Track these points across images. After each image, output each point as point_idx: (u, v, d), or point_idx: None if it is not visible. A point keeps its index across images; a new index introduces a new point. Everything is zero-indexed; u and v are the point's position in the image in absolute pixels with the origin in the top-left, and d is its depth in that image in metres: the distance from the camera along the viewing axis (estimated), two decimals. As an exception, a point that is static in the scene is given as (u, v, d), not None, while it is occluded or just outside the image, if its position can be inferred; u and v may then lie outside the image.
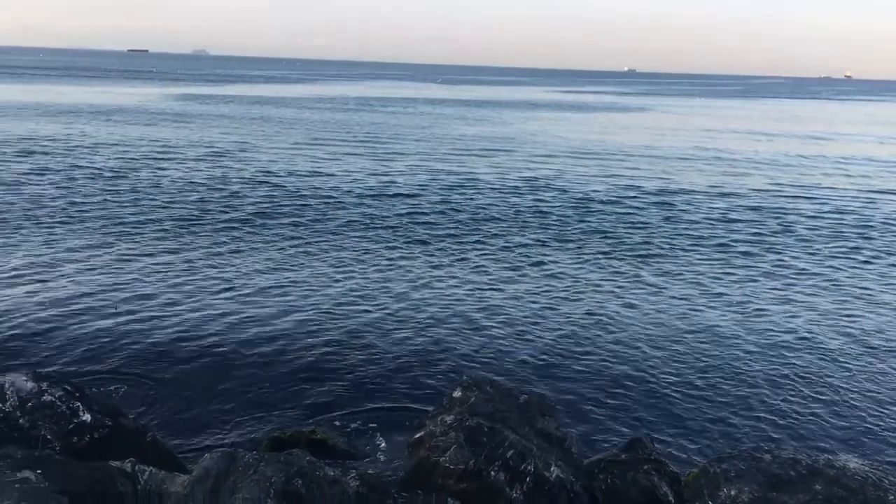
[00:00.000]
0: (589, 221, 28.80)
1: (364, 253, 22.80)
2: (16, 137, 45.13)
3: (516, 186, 35.98)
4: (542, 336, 16.73)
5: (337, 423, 12.52)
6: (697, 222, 29.23)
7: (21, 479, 6.92)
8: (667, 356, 15.81)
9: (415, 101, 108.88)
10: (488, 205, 31.14)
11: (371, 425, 12.51)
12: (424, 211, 29.38)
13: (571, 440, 9.47)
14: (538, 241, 25.39)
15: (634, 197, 34.34)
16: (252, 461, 7.92)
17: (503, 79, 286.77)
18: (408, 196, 32.34)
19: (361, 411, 12.96)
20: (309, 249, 22.92)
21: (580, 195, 34.22)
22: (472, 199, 32.35)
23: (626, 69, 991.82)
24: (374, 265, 21.57)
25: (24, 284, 18.25)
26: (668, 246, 25.32)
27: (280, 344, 15.55)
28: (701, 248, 25.16)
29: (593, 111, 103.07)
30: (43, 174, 33.43)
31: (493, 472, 8.32)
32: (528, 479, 8.32)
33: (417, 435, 9.18)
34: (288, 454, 8.41)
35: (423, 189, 34.15)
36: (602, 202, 32.81)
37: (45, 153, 39.63)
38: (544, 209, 30.76)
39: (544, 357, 15.59)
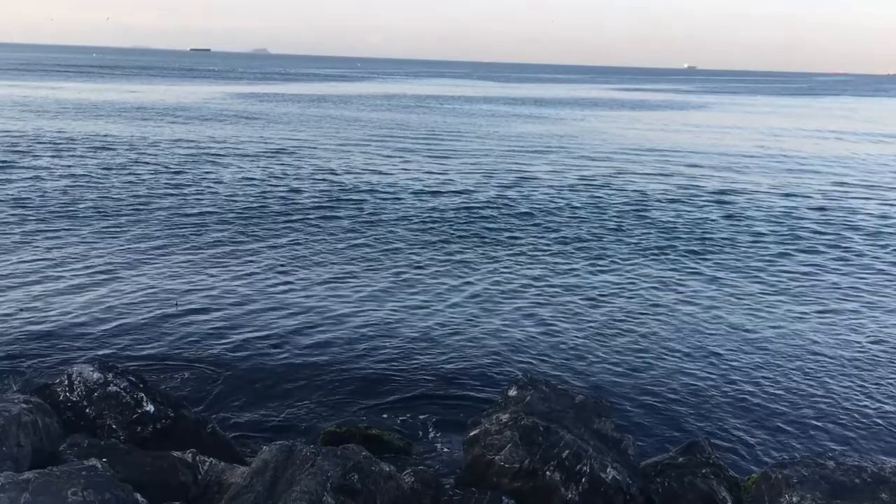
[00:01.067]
0: (647, 221, 28.41)
1: (422, 248, 22.88)
2: (85, 135, 46.52)
3: (573, 184, 35.70)
4: (598, 336, 16.57)
5: (391, 418, 12.60)
6: (759, 223, 28.59)
7: (88, 467, 7.12)
8: (726, 360, 15.51)
9: (472, 100, 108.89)
10: (545, 202, 30.96)
11: (424, 421, 12.56)
12: (481, 208, 29.35)
13: (628, 442, 9.36)
14: (596, 239, 25.14)
15: (693, 196, 33.75)
16: (309, 454, 8.01)
17: (559, 76, 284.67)
18: (464, 193, 32.35)
19: (415, 408, 13.02)
20: (367, 246, 23.10)
21: (638, 194, 33.78)
22: (528, 196, 32.21)
23: (685, 66, 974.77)
24: (432, 262, 21.63)
25: (91, 277, 18.81)
26: (728, 248, 24.81)
27: (336, 340, 15.72)
28: (762, 250, 24.59)
29: (651, 109, 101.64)
30: (110, 169, 34.41)
31: (548, 472, 8.27)
32: (583, 479, 8.25)
33: (472, 432, 9.18)
34: (344, 448, 8.49)
35: (479, 186, 34.13)
36: (660, 201, 32.33)
37: (113, 150, 40.78)
38: (601, 207, 30.45)
39: (600, 357, 15.45)
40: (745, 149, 53.88)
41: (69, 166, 34.75)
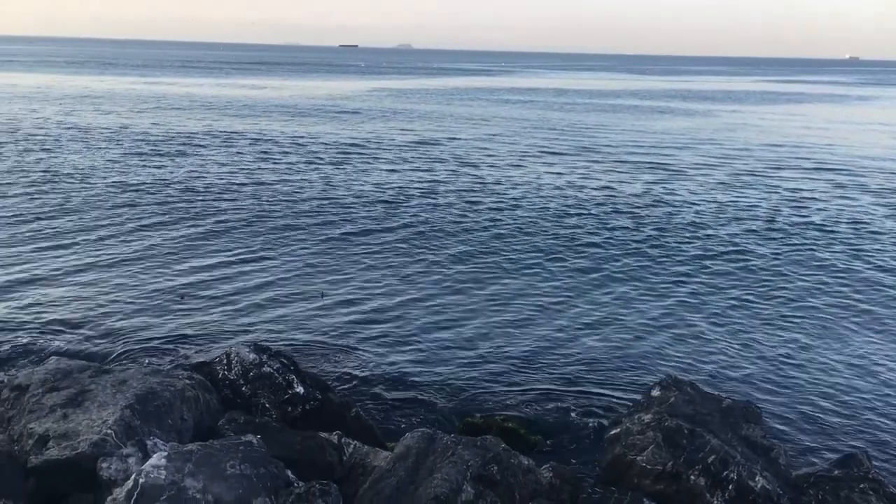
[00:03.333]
0: (802, 220, 26.94)
1: (564, 243, 22.69)
2: (245, 130, 49.11)
3: (723, 182, 34.37)
4: (746, 340, 15.89)
5: (527, 413, 12.58)
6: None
7: (245, 442, 7.54)
8: (883, 373, 14.50)
9: (616, 94, 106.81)
10: (692, 199, 29.97)
11: (561, 417, 12.47)
12: (624, 203, 28.78)
13: (779, 450, 8.94)
14: (751, 237, 24.10)
15: (857, 196, 31.74)
16: (450, 443, 8.15)
17: (708, 68, 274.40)
18: (607, 188, 31.82)
19: (552, 403, 12.94)
20: (508, 240, 23.15)
21: (790, 192, 32.11)
22: (672, 193, 31.29)
23: (847, 57, 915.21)
24: (575, 257, 21.43)
25: (243, 265, 19.86)
26: None
27: (475, 335, 15.86)
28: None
29: (809, 102, 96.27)
30: (266, 161, 36.18)
31: (692, 476, 8.03)
32: (730, 486, 7.96)
33: (613, 431, 9.06)
34: (483, 439, 8.58)
35: (623, 183, 33.49)
36: (819, 199, 30.60)
37: (275, 142, 42.84)
38: (753, 206, 29.16)
39: (750, 361, 14.81)
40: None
41: (232, 161, 36.78)
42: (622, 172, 36.46)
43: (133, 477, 6.84)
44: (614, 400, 13.07)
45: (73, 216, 24.01)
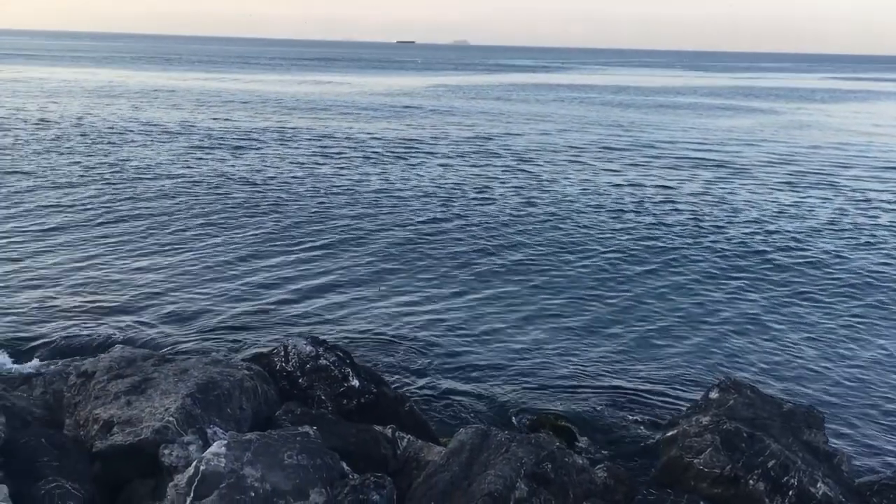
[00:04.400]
0: (873, 221, 26.16)
1: (622, 240, 22.45)
2: (304, 127, 49.78)
3: (787, 181, 33.61)
4: (812, 342, 15.51)
5: (580, 412, 12.50)
6: None
7: (302, 433, 7.65)
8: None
9: (676, 91, 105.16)
10: (756, 201, 29.36)
11: (616, 418, 12.35)
12: (683, 201, 28.33)
13: (842, 457, 8.71)
14: (815, 237, 23.50)
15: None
16: (504, 440, 8.14)
17: (771, 65, 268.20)
18: (666, 188, 31.38)
19: (607, 404, 12.83)
20: (567, 239, 23.00)
21: (859, 192, 31.22)
22: (735, 193, 30.71)
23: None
24: (631, 253, 21.20)
25: (303, 258, 20.13)
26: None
27: (531, 335, 15.81)
28: None
29: (878, 100, 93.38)
30: (325, 157, 36.61)
31: (751, 481, 7.88)
32: (790, 492, 7.79)
33: (669, 433, 8.93)
34: (537, 437, 8.55)
35: (682, 182, 33.00)
36: (887, 200, 29.68)
37: (333, 138, 43.35)
38: (817, 204, 28.44)
39: (813, 364, 14.46)
40: None
41: (291, 156, 37.32)
42: (683, 171, 35.90)
43: (194, 464, 7.00)
44: (669, 401, 12.91)
45: (139, 209, 24.64)
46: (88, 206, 24.55)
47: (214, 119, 50.88)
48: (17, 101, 56.89)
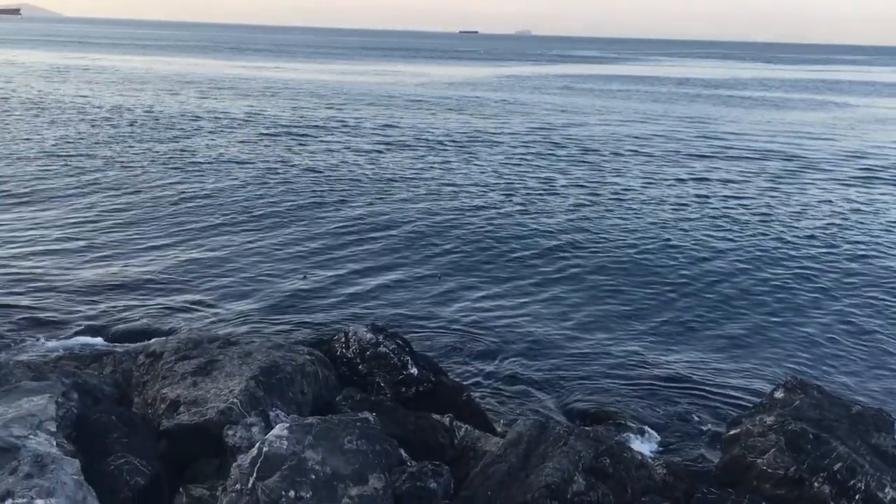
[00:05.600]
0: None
1: (683, 234, 22.09)
2: (364, 117, 50.20)
3: (857, 177, 32.57)
4: (880, 344, 15.04)
5: (640, 408, 12.36)
6: None
7: (362, 419, 7.75)
8: None
9: (742, 83, 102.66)
10: (825, 198, 28.55)
11: (675, 415, 12.18)
12: (748, 196, 27.71)
13: (913, 462, 8.43)
14: (886, 236, 22.75)
15: None
16: (562, 433, 8.10)
17: (841, 57, 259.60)
18: (731, 183, 30.73)
19: (666, 400, 12.65)
20: (628, 232, 22.74)
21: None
22: (803, 190, 29.90)
23: None
24: (693, 248, 20.84)
25: (364, 246, 20.34)
26: None
27: (592, 327, 15.70)
28: None
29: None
30: (388, 146, 36.87)
31: (816, 483, 7.70)
32: (857, 496, 7.58)
33: (732, 431, 8.78)
34: (596, 431, 8.50)
35: (751, 177, 32.25)
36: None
37: (397, 128, 43.61)
38: (888, 202, 27.49)
39: (882, 366, 14.03)
40: None
41: (355, 145, 37.69)
42: (750, 163, 35.10)
43: (257, 445, 7.15)
44: (731, 400, 12.66)
45: (207, 192, 25.22)
46: (160, 191, 25.23)
47: (281, 109, 51.62)
48: (94, 89, 58.81)
